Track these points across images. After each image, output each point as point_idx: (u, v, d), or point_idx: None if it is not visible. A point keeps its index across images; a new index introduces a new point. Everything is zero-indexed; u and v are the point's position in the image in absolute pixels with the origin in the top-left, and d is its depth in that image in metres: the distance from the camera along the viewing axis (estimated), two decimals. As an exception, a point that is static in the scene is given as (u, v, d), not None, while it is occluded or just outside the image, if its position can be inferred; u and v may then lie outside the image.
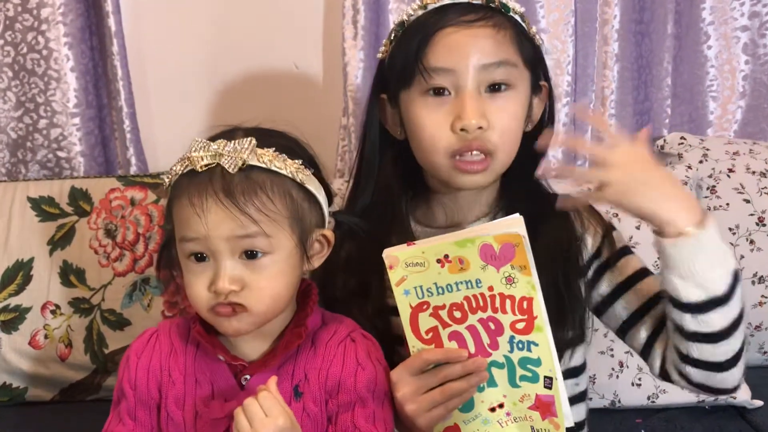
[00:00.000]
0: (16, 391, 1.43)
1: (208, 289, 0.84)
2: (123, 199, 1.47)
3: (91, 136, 1.61)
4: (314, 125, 1.63)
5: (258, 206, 0.82)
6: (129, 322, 1.42)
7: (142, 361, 0.91)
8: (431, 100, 0.94)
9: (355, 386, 0.87)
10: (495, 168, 0.96)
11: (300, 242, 0.86)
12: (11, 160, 1.62)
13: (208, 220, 0.82)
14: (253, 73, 1.65)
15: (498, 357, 0.86)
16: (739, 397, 1.33)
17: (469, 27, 0.93)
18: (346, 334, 0.90)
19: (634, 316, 0.99)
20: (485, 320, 0.85)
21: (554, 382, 0.85)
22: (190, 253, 0.85)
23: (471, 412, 0.89)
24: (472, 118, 0.91)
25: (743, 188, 1.47)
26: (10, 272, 1.44)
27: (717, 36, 1.60)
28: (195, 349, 0.91)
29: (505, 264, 0.82)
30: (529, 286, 0.83)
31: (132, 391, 0.90)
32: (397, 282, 0.85)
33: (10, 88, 1.59)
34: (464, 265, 0.83)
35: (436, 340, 0.87)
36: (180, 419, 0.89)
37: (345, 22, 1.55)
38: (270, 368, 0.87)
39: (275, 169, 0.84)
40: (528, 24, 0.99)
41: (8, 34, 1.57)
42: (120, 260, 1.44)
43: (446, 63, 0.93)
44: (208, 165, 0.83)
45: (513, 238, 0.81)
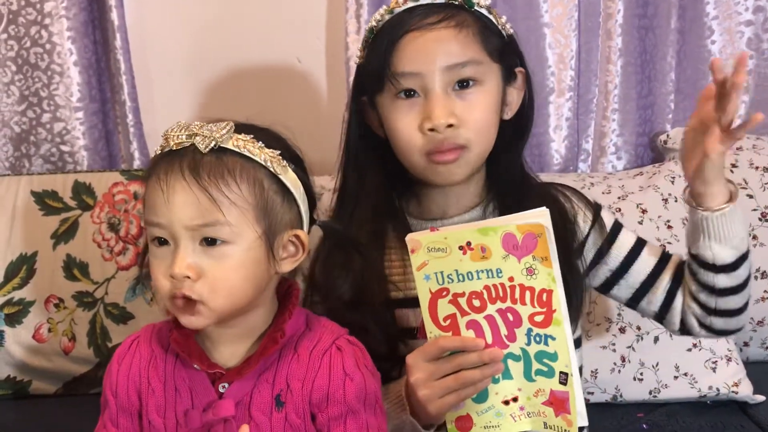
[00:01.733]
0: (19, 384, 1.44)
1: (165, 275, 0.82)
2: (126, 193, 1.47)
3: (95, 130, 1.61)
4: (316, 119, 1.65)
5: (222, 189, 0.80)
6: (132, 315, 1.43)
7: (123, 369, 0.90)
8: (402, 102, 0.97)
9: (345, 397, 0.84)
10: (470, 160, 0.98)
11: (265, 236, 0.83)
12: (15, 154, 1.63)
13: (171, 200, 0.80)
14: (256, 67, 1.65)
15: (515, 349, 0.86)
16: (740, 392, 1.33)
17: (431, 29, 0.95)
18: (330, 342, 0.87)
19: (642, 287, 1.05)
20: (504, 311, 0.85)
21: (569, 378, 0.84)
22: (153, 237, 0.83)
23: (484, 403, 0.88)
24: (441, 118, 0.94)
25: (746, 183, 1.46)
26: (14, 266, 1.44)
27: (721, 31, 1.59)
28: (174, 357, 0.89)
29: (526, 255, 0.82)
30: (550, 278, 0.82)
31: (113, 399, 0.90)
32: (419, 266, 0.85)
33: (14, 82, 1.60)
34: (486, 254, 0.83)
35: (453, 327, 0.86)
36: (161, 427, 0.87)
37: (348, 16, 1.55)
38: (247, 376, 0.85)
39: (248, 155, 0.82)
40: (496, 15, 1.01)
41: (12, 28, 1.58)
42: (123, 254, 1.44)
43: (412, 67, 0.95)
44: (181, 143, 0.82)
45: (536, 228, 0.81)
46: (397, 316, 1.01)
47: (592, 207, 1.06)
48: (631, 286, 1.05)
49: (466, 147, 0.96)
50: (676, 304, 1.04)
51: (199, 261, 0.81)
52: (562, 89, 1.60)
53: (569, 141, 1.62)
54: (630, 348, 1.35)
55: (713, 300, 1.00)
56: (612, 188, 1.45)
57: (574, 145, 1.63)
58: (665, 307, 1.04)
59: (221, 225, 0.80)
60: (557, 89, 1.60)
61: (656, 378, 1.34)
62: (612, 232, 1.05)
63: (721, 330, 1.03)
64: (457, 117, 0.95)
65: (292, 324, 0.87)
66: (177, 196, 0.80)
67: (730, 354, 1.36)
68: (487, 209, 1.03)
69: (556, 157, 1.62)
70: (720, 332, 1.04)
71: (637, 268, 1.05)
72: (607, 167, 1.61)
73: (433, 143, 0.96)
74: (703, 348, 1.35)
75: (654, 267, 1.05)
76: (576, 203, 1.06)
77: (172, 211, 0.80)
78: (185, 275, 0.80)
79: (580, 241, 1.03)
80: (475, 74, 0.97)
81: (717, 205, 0.95)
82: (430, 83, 0.95)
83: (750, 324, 1.45)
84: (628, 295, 1.07)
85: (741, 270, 0.98)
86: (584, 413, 0.87)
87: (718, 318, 1.01)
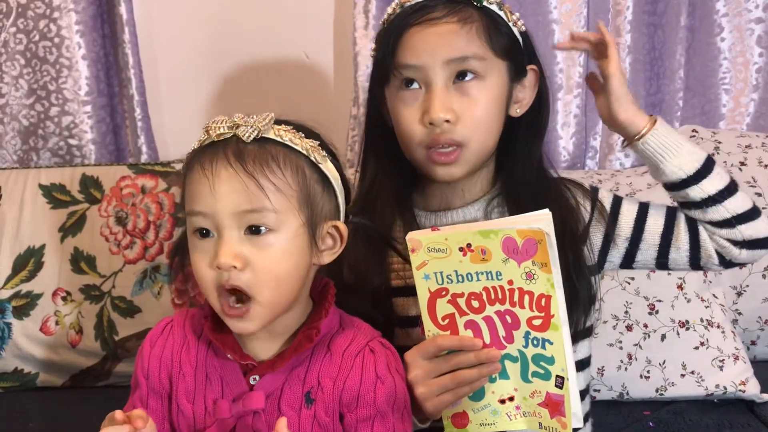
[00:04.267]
0: (27, 377, 1.44)
1: (210, 266, 0.81)
2: (134, 186, 1.47)
3: (102, 124, 1.62)
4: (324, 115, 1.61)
5: (267, 175, 0.80)
6: (139, 309, 1.43)
7: (155, 351, 0.90)
8: (405, 94, 0.98)
9: (375, 400, 0.84)
10: (468, 158, 0.98)
11: (308, 224, 0.83)
12: (23, 148, 1.63)
13: (217, 188, 0.80)
14: (264, 63, 1.65)
15: (512, 350, 0.86)
16: (748, 391, 1.33)
17: (435, 24, 0.96)
18: (364, 343, 0.87)
19: (664, 240, 1.03)
20: (503, 313, 0.85)
21: (565, 383, 0.85)
22: (196, 228, 0.82)
23: (481, 401, 0.89)
24: (439, 112, 0.95)
25: (755, 182, 1.46)
26: (22, 259, 1.45)
27: (730, 28, 1.59)
28: (207, 345, 0.89)
29: (526, 259, 0.82)
30: (549, 284, 0.82)
31: (145, 380, 0.90)
32: (418, 266, 0.85)
33: (22, 76, 1.60)
34: (486, 256, 0.83)
35: (452, 327, 0.86)
36: (190, 413, 0.88)
37: (356, 11, 1.55)
38: (279, 370, 0.85)
39: (290, 144, 0.83)
40: (507, 11, 1.01)
41: (20, 22, 1.58)
42: (130, 248, 1.44)
43: (414, 60, 0.96)
44: (223, 134, 0.82)
45: (536, 234, 0.81)
46: (398, 304, 1.02)
47: (589, 194, 1.06)
48: (653, 243, 1.03)
49: (464, 144, 0.97)
50: (704, 238, 1.01)
51: (244, 250, 0.80)
52: (570, 86, 1.59)
53: (577, 138, 1.62)
54: (637, 346, 1.35)
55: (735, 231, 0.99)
56: (620, 185, 1.45)
57: (582, 142, 1.62)
58: (695, 247, 1.01)
59: (268, 211, 0.80)
60: (565, 86, 1.59)
61: (663, 376, 1.34)
62: (613, 208, 1.05)
63: (760, 240, 1.00)
64: (455, 113, 0.95)
65: (327, 323, 0.87)
66: (223, 184, 0.80)
67: (737, 353, 1.35)
68: (491, 203, 1.03)
69: (564, 154, 1.62)
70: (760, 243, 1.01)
71: (651, 226, 1.03)
72: (615, 164, 1.60)
73: (432, 136, 0.96)
74: (710, 346, 1.34)
75: (666, 217, 1.03)
76: (580, 198, 1.05)
77: (218, 199, 0.80)
78: (232, 265, 0.79)
79: (584, 227, 1.03)
80: (476, 69, 0.97)
81: (644, 126, 0.98)
82: (430, 76, 0.96)
83: (757, 323, 1.45)
84: (654, 255, 1.04)
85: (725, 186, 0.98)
86: (580, 415, 0.87)
87: (749, 249, 1.00)
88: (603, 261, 1.04)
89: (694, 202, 0.99)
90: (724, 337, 1.35)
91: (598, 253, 1.04)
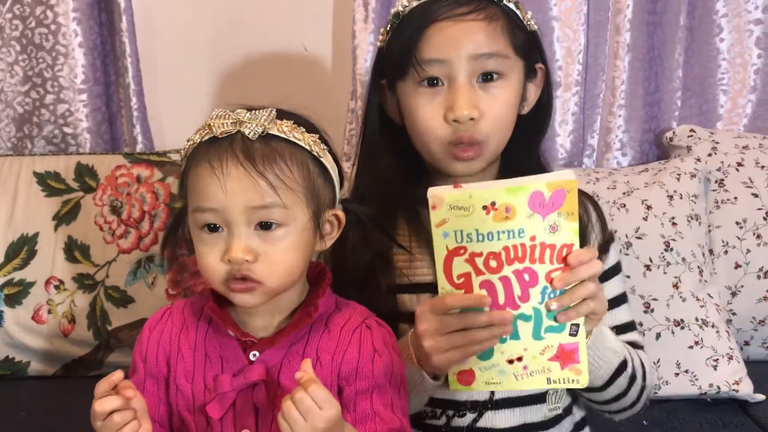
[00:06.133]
0: (18, 365, 1.43)
1: (221, 259, 0.84)
2: (129, 176, 1.46)
3: (98, 113, 1.60)
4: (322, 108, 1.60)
5: (276, 173, 0.83)
6: (132, 299, 1.42)
7: (154, 335, 0.93)
8: (425, 90, 0.97)
9: (373, 372, 0.87)
10: (486, 155, 0.99)
11: (314, 217, 0.86)
12: (17, 135, 1.62)
13: (227, 186, 0.82)
14: (262, 54, 1.64)
15: (526, 309, 0.86)
16: (741, 391, 1.33)
17: (461, 20, 0.95)
18: (360, 320, 0.90)
19: None
20: (521, 271, 0.84)
21: (580, 328, 0.85)
22: (204, 224, 0.85)
23: (489, 360, 0.88)
24: (465, 109, 0.94)
25: (752, 182, 1.46)
26: (15, 246, 1.44)
27: (730, 29, 1.59)
28: (207, 326, 0.92)
29: (552, 211, 0.82)
30: (572, 232, 0.83)
31: (142, 364, 0.92)
32: (438, 223, 0.84)
33: (18, 63, 1.59)
34: (510, 214, 0.83)
35: (467, 286, 0.86)
36: (189, 392, 0.90)
37: (356, 4, 1.54)
38: (279, 346, 0.88)
39: (294, 140, 0.85)
40: (523, 10, 1.01)
41: (16, 8, 1.56)
42: (125, 237, 1.43)
43: (439, 54, 0.95)
44: (228, 132, 0.84)
45: (567, 184, 0.81)
46: (403, 300, 1.02)
47: (606, 234, 1.06)
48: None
49: (484, 142, 0.97)
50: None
51: (255, 244, 0.83)
52: (569, 84, 1.59)
53: (575, 136, 1.61)
54: (631, 344, 1.35)
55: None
56: (617, 184, 1.45)
57: (580, 140, 1.62)
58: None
59: (278, 207, 0.83)
60: (564, 83, 1.59)
61: (657, 375, 1.34)
62: (610, 271, 1.05)
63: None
64: (480, 110, 0.96)
65: (324, 302, 0.90)
66: (234, 182, 0.82)
67: (731, 352, 1.35)
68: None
69: (561, 151, 1.62)
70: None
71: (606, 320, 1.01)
72: (612, 163, 1.60)
73: (456, 134, 0.96)
74: (705, 346, 1.35)
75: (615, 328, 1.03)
76: (593, 221, 1.06)
77: (229, 196, 0.82)
78: (245, 259, 0.82)
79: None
80: (500, 67, 0.97)
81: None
82: (455, 71, 0.95)
83: (751, 323, 1.45)
84: None
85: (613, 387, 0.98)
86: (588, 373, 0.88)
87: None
88: None
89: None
90: (719, 337, 1.35)
91: None
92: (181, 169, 0.89)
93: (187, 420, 0.90)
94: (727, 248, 1.44)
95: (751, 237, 1.44)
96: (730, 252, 1.44)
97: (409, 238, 1.02)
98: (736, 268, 1.44)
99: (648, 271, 1.37)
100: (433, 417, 1.01)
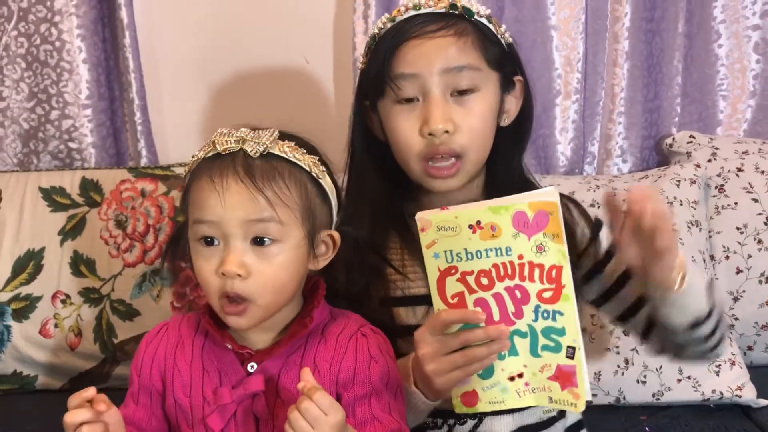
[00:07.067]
0: (26, 379, 1.44)
1: (215, 272, 0.86)
2: (133, 190, 1.48)
3: (103, 128, 1.62)
4: (323, 119, 1.65)
5: (275, 190, 0.85)
6: (138, 312, 1.43)
7: (149, 350, 0.95)
8: (402, 107, 1.00)
9: (370, 378, 0.88)
10: (467, 169, 1.01)
11: (309, 235, 0.88)
12: (23, 151, 1.63)
13: (226, 199, 0.84)
14: (264, 67, 1.65)
15: (521, 326, 0.87)
16: (744, 396, 1.33)
17: (432, 37, 0.98)
18: (356, 328, 0.92)
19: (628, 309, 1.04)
20: (512, 288, 0.86)
21: (577, 352, 0.85)
22: (201, 236, 0.87)
23: (490, 379, 0.89)
24: (439, 122, 0.97)
25: (752, 187, 1.46)
26: (22, 261, 1.45)
27: (728, 35, 1.59)
28: (203, 339, 0.94)
29: (537, 232, 0.83)
30: (560, 254, 0.83)
31: (137, 377, 0.95)
32: (428, 245, 0.86)
33: (23, 79, 1.60)
34: (496, 232, 0.84)
35: (461, 305, 0.87)
36: (187, 406, 0.91)
37: (356, 16, 1.56)
38: (276, 356, 0.89)
39: (294, 160, 0.88)
40: (495, 24, 1.03)
41: (21, 25, 1.58)
42: (130, 251, 1.45)
43: (411, 69, 0.98)
44: (230, 149, 0.86)
45: (548, 206, 0.82)
46: (398, 313, 1.03)
47: (592, 224, 1.08)
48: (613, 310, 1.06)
49: (462, 155, 0.99)
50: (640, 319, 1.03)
51: (248, 260, 0.85)
52: (568, 92, 1.60)
53: (575, 143, 1.62)
54: (633, 351, 1.35)
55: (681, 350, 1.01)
56: (617, 191, 1.45)
57: (580, 147, 1.63)
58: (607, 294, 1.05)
59: (275, 223, 0.85)
60: (564, 92, 1.60)
61: (659, 381, 1.34)
62: (608, 252, 1.05)
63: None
64: (454, 123, 0.98)
65: (319, 313, 0.92)
66: (233, 196, 0.84)
67: (734, 358, 1.36)
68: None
69: (562, 159, 1.62)
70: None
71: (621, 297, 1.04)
72: (613, 170, 1.61)
73: (430, 147, 0.98)
74: (707, 351, 1.35)
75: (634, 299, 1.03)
76: (576, 216, 1.08)
77: (227, 209, 0.84)
78: (237, 273, 0.84)
79: (576, 254, 1.04)
80: (473, 82, 0.99)
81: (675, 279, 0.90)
82: (428, 85, 0.98)
83: (753, 328, 1.45)
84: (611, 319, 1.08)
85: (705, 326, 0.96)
86: (588, 390, 0.88)
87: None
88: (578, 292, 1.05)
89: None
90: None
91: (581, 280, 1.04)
92: (184, 183, 0.91)
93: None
94: (728, 254, 1.45)
95: (752, 242, 1.44)
96: (731, 257, 1.45)
97: (401, 252, 1.04)
98: (737, 273, 1.44)
99: (649, 277, 1.37)
100: (435, 427, 1.02)
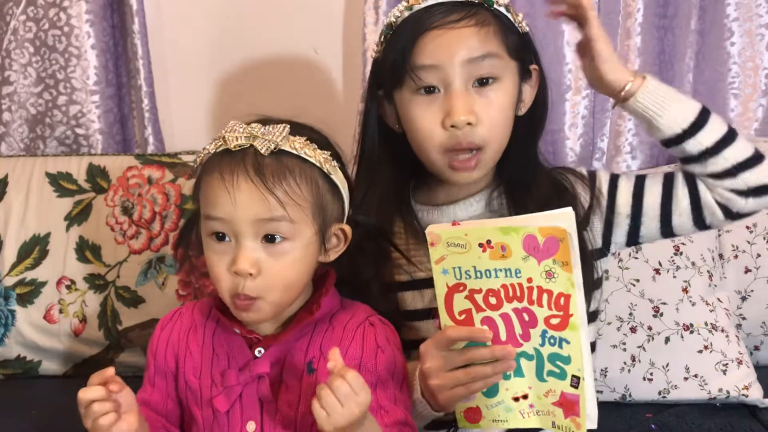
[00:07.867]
0: (29, 364, 1.44)
1: (227, 270, 0.86)
2: (140, 177, 1.47)
3: (110, 114, 1.62)
4: (332, 110, 1.64)
5: (285, 189, 0.85)
6: (143, 299, 1.43)
7: (164, 334, 0.97)
8: (422, 98, 0.99)
9: (376, 367, 0.89)
10: (486, 161, 1.01)
11: (320, 232, 0.88)
12: (30, 136, 1.63)
13: (237, 198, 0.84)
14: (273, 57, 1.65)
15: (528, 349, 0.86)
16: (751, 396, 1.33)
17: (453, 27, 0.97)
18: (364, 317, 0.92)
19: (664, 208, 1.02)
20: (520, 310, 0.85)
21: (581, 382, 0.84)
22: (213, 232, 0.87)
23: (494, 398, 0.89)
24: (461, 114, 0.96)
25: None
26: (27, 246, 1.45)
27: (741, 33, 1.58)
28: (214, 325, 0.95)
29: (547, 258, 0.82)
30: (569, 283, 0.82)
31: (153, 360, 0.97)
32: (437, 260, 0.85)
33: (31, 64, 1.60)
34: (506, 253, 0.83)
35: (468, 322, 0.87)
36: (197, 387, 0.93)
37: (366, 7, 1.55)
38: (283, 342, 0.90)
39: (305, 157, 0.87)
40: (513, 13, 1.02)
41: (30, 10, 1.58)
42: (136, 238, 1.44)
43: (433, 60, 0.97)
44: (241, 145, 0.85)
45: (558, 232, 0.80)
46: (404, 298, 1.04)
47: (587, 179, 1.07)
48: (654, 216, 1.02)
49: (482, 147, 0.99)
50: (705, 197, 1.00)
51: (260, 257, 0.86)
52: (578, 87, 1.59)
53: (584, 139, 1.61)
54: (641, 348, 1.35)
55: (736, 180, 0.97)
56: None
57: (590, 143, 1.62)
58: (696, 207, 1.00)
59: (285, 221, 0.85)
60: (574, 87, 1.59)
61: (666, 379, 1.34)
62: (611, 189, 1.05)
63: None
64: (476, 115, 0.97)
65: (328, 301, 0.92)
66: (243, 195, 0.84)
67: (741, 357, 1.35)
68: (492, 195, 1.05)
69: (571, 155, 1.62)
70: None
71: (649, 200, 1.03)
72: (622, 166, 1.60)
73: (453, 140, 0.97)
74: (714, 350, 1.34)
75: (663, 185, 1.02)
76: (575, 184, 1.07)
77: (238, 207, 0.84)
78: (248, 272, 0.85)
79: (585, 213, 1.04)
80: (495, 70, 0.98)
81: (632, 82, 0.97)
82: (450, 77, 0.97)
83: (761, 328, 1.44)
84: (657, 227, 1.03)
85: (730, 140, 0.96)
86: (594, 417, 0.87)
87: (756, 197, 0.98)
88: (608, 243, 1.05)
89: (692, 157, 0.98)
90: (728, 342, 1.35)
91: (602, 236, 1.04)
92: (196, 174, 0.91)
93: (196, 413, 0.93)
94: (737, 252, 1.44)
95: (761, 241, 1.43)
96: (740, 256, 1.44)
97: (406, 238, 1.04)
98: (746, 272, 1.44)
99: (657, 275, 1.37)
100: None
